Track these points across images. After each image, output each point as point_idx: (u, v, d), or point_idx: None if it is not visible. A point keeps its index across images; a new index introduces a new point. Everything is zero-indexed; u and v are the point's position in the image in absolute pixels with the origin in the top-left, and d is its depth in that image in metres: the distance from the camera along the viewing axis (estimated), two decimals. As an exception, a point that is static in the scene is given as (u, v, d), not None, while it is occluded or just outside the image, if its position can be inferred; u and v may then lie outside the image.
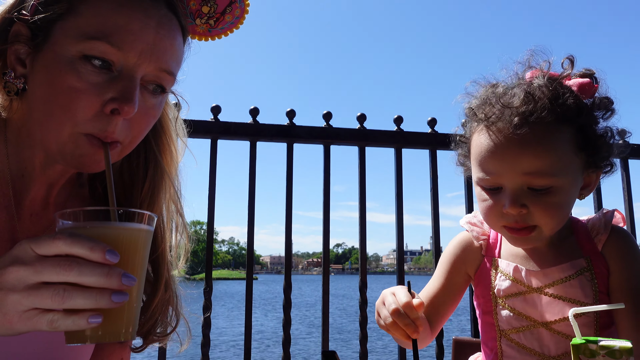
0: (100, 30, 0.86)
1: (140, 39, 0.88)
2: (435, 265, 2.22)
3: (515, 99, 1.06)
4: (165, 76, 0.93)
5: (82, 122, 0.86)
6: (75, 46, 0.86)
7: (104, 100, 0.86)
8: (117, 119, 0.87)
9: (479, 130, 1.11)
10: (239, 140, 2.15)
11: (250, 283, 2.05)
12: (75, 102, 0.85)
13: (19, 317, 0.65)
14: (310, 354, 13.11)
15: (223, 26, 1.09)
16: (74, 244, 0.66)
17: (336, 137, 2.16)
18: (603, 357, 0.77)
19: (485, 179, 1.09)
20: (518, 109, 1.04)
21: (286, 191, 2.15)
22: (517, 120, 1.03)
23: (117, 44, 0.86)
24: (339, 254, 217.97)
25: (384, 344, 14.50)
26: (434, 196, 2.29)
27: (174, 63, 0.95)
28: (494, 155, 1.07)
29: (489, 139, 1.08)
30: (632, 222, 2.24)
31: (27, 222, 0.99)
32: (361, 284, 2.13)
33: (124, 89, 0.87)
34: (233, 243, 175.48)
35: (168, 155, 1.11)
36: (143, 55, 0.88)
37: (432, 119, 2.29)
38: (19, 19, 0.91)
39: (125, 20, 0.87)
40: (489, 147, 1.07)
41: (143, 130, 0.95)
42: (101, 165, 0.91)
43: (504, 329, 1.16)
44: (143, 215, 0.75)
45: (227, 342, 15.25)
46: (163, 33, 0.91)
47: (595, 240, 1.14)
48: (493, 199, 1.10)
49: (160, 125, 1.09)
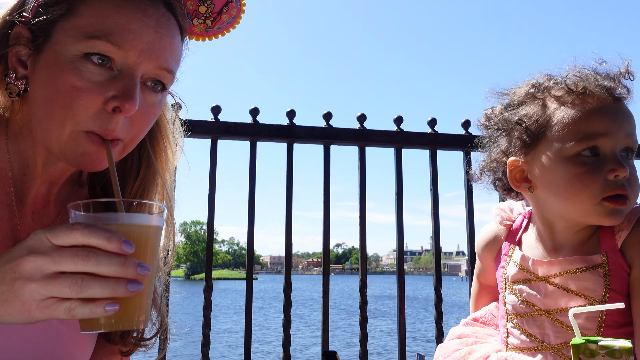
0: (101, 30, 0.87)
1: (140, 38, 0.89)
2: (435, 265, 2.24)
3: (616, 72, 1.14)
4: (165, 74, 0.95)
5: (84, 120, 0.88)
6: (76, 46, 0.87)
7: (106, 98, 0.87)
8: (118, 117, 0.89)
9: (567, 100, 1.14)
10: (239, 140, 2.15)
11: (250, 283, 2.05)
12: (76, 101, 0.86)
13: (37, 305, 0.68)
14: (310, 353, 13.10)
15: (220, 26, 1.10)
16: (92, 235, 0.68)
17: (336, 137, 2.17)
18: (603, 357, 0.77)
19: (587, 142, 1.09)
20: (618, 83, 1.13)
21: (286, 191, 2.15)
22: (621, 89, 1.12)
23: (117, 43, 0.87)
24: (339, 254, 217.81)
25: (384, 344, 14.50)
26: (434, 196, 2.29)
27: (173, 61, 0.97)
28: (602, 115, 1.09)
29: (588, 105, 1.11)
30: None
31: (29, 220, 1.00)
32: (361, 284, 2.14)
33: (125, 86, 0.88)
34: (233, 243, 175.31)
35: (163, 157, 1.12)
36: (143, 53, 0.90)
37: (432, 119, 2.29)
38: (19, 21, 0.92)
39: (125, 19, 0.89)
40: (593, 109, 1.10)
41: (144, 128, 0.97)
42: (103, 163, 0.93)
43: (510, 312, 1.21)
44: (153, 206, 0.80)
45: (227, 341, 15.25)
46: (162, 32, 0.93)
47: (616, 236, 1.13)
48: (593, 167, 1.08)
49: (156, 125, 1.10)
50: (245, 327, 2.02)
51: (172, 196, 1.15)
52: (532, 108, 1.18)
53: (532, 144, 1.17)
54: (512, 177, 1.22)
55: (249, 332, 2.01)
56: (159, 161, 1.12)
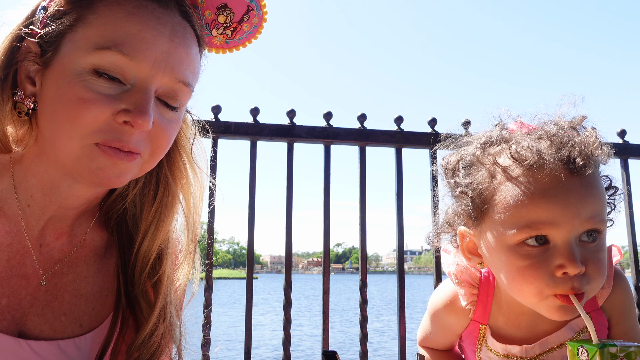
0: (111, 40, 0.81)
1: (153, 47, 0.83)
2: (435, 265, 2.23)
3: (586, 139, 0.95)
4: (181, 87, 0.88)
5: (92, 133, 0.82)
6: (85, 58, 0.81)
7: (115, 110, 0.82)
8: (130, 131, 0.83)
9: (513, 175, 0.94)
10: (240, 139, 2.14)
11: (250, 283, 2.05)
12: (83, 112, 0.81)
13: None
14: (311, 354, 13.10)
15: (241, 36, 1.03)
16: None
17: (336, 137, 2.16)
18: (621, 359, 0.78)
19: (530, 231, 0.90)
20: (583, 149, 0.93)
21: (286, 191, 2.15)
22: (581, 161, 0.91)
23: (128, 53, 0.81)
24: (339, 254, 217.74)
25: (384, 344, 14.49)
26: (434, 196, 2.29)
27: (190, 74, 0.90)
28: (550, 199, 0.89)
29: (535, 184, 0.91)
30: (632, 221, 2.24)
31: (36, 253, 0.96)
32: (361, 284, 2.13)
33: (138, 100, 0.82)
34: (233, 243, 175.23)
35: (183, 179, 1.04)
36: (157, 64, 0.83)
37: (432, 119, 2.29)
38: (28, 35, 0.87)
39: (137, 28, 0.82)
40: (539, 191, 0.90)
41: (163, 144, 0.90)
42: (122, 178, 0.87)
43: None
44: None
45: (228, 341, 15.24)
46: (177, 41, 0.86)
47: (597, 294, 1.04)
48: (538, 260, 0.90)
49: (175, 144, 1.02)
50: (246, 327, 2.01)
51: (195, 222, 1.06)
52: (479, 175, 1.00)
53: (477, 219, 1.01)
54: (463, 247, 1.08)
55: (249, 332, 2.01)
56: (178, 184, 1.03)
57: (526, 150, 0.93)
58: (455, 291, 1.15)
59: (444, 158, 1.14)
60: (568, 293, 0.89)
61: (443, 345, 1.26)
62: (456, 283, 1.14)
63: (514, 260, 0.93)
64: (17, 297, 0.94)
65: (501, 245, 0.95)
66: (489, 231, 0.98)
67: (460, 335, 1.20)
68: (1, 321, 0.91)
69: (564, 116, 1.01)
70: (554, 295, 0.91)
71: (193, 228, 1.06)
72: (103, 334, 1.02)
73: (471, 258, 1.07)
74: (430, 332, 1.25)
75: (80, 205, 0.99)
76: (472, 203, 1.01)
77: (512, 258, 0.93)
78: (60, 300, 0.99)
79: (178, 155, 1.04)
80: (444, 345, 1.26)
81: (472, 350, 1.16)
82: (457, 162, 1.08)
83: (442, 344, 1.26)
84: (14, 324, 0.93)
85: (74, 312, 1.00)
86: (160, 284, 1.03)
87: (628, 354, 0.77)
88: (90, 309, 1.03)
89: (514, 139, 0.98)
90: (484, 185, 0.98)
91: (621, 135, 2.30)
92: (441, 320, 1.20)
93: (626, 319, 1.07)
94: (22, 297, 0.95)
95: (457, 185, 1.05)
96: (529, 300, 0.96)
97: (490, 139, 1.01)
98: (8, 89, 0.88)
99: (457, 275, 1.14)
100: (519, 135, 0.99)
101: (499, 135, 1.02)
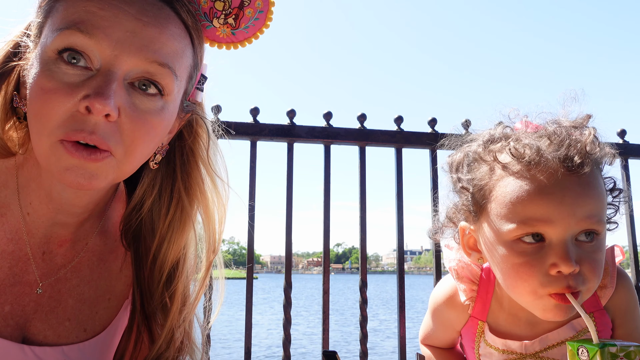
0: (71, 20, 0.77)
1: (115, 25, 0.77)
2: (434, 265, 2.23)
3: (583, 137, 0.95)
4: (157, 69, 0.80)
5: (56, 127, 0.76)
6: (50, 46, 0.77)
7: (78, 98, 0.76)
8: (91, 119, 0.76)
9: (512, 171, 0.95)
10: (239, 139, 2.14)
11: (250, 283, 2.05)
12: (45, 104, 0.75)
13: None
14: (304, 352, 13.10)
15: (246, 25, 0.95)
16: None
17: (336, 137, 2.16)
18: (621, 359, 0.78)
19: (526, 228, 0.91)
20: (582, 148, 0.93)
21: (286, 191, 2.15)
22: (579, 159, 0.91)
23: (87, 30, 0.75)
24: (339, 254, 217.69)
25: (380, 342, 14.49)
26: (435, 196, 2.29)
27: (169, 55, 0.81)
28: (546, 197, 0.90)
29: (533, 181, 0.91)
30: (632, 221, 2.24)
31: (39, 260, 0.95)
32: (361, 284, 2.13)
33: (98, 83, 0.76)
34: (233, 242, 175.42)
35: (197, 192, 0.97)
36: (121, 44, 0.77)
37: (432, 119, 2.29)
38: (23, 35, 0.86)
39: (98, 6, 0.77)
40: (536, 188, 0.91)
41: (139, 140, 0.81)
42: (94, 181, 0.79)
43: None
44: None
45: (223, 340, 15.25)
46: (146, 20, 0.79)
47: (599, 294, 1.04)
48: (533, 258, 0.91)
49: (190, 151, 0.96)
50: (246, 327, 2.01)
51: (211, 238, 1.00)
52: (479, 172, 1.01)
53: (477, 214, 1.02)
54: (463, 243, 1.09)
55: (249, 332, 2.01)
56: (194, 200, 0.97)
57: (525, 147, 0.94)
58: (455, 287, 1.17)
59: (450, 155, 1.16)
60: (563, 291, 0.90)
61: (444, 342, 1.27)
62: (456, 278, 1.15)
63: (510, 256, 0.94)
64: (20, 304, 0.93)
65: (498, 241, 0.96)
66: (488, 226, 0.99)
67: (460, 332, 1.21)
68: (5, 327, 0.90)
69: (568, 115, 1.02)
70: (549, 295, 0.91)
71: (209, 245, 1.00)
72: (107, 339, 1.02)
73: (471, 254, 1.09)
74: (431, 329, 1.26)
75: (81, 214, 0.95)
76: (472, 198, 1.02)
77: (508, 254, 0.94)
78: (64, 306, 0.98)
79: (195, 168, 0.97)
80: (446, 342, 1.27)
81: (471, 347, 1.16)
82: (462, 158, 1.10)
83: (444, 341, 1.26)
84: (18, 330, 0.92)
85: (78, 317, 0.99)
86: (173, 300, 0.98)
87: (628, 353, 0.77)
88: (93, 313, 1.02)
89: (514, 136, 1.00)
90: (483, 180, 1.00)
91: (621, 135, 2.30)
92: (441, 315, 1.22)
93: (630, 320, 1.07)
94: (25, 303, 0.94)
95: (459, 180, 1.07)
96: (523, 299, 0.96)
97: (493, 137, 1.03)
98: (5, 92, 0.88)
99: (457, 271, 1.15)
100: (520, 133, 1.00)
101: (502, 133, 1.03)
